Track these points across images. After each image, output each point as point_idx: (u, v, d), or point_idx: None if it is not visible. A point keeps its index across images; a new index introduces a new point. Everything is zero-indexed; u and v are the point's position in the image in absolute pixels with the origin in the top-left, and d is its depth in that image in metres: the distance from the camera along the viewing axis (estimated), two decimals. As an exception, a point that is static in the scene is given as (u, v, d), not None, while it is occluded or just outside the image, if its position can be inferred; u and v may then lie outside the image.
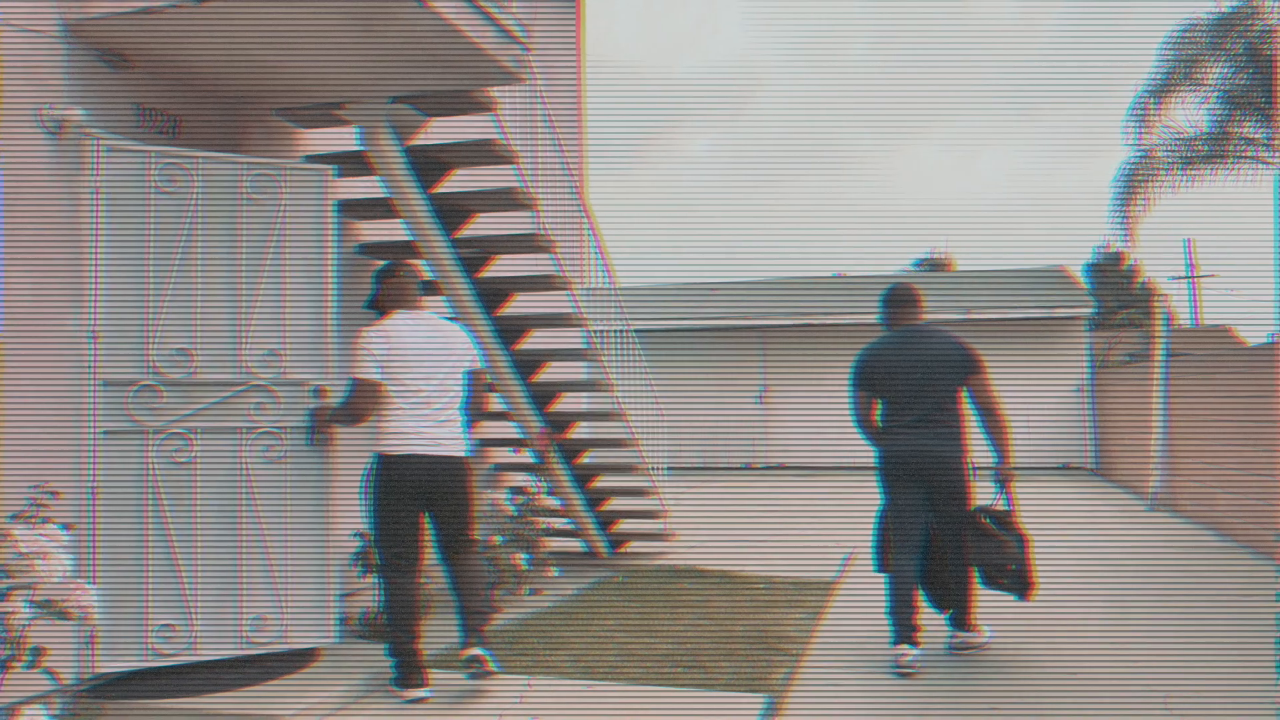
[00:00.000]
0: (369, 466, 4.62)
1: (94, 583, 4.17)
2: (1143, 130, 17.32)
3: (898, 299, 5.34)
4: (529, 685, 4.64)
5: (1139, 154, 17.31)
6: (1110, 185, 21.55)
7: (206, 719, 4.14)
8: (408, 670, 4.52)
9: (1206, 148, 16.85)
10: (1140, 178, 17.34)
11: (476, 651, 4.50)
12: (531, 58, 5.21)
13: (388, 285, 4.75)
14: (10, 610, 3.19)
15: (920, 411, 5.08)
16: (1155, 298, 15.75)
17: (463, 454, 4.66)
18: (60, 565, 3.15)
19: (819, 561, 7.93)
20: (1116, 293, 30.04)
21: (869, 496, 5.20)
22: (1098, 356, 17.31)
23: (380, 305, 4.78)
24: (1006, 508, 5.19)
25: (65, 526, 3.37)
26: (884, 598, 5.11)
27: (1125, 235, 18.18)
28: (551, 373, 7.46)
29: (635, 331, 8.70)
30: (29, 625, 3.22)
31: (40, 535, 3.14)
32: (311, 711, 4.24)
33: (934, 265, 38.64)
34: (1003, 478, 5.19)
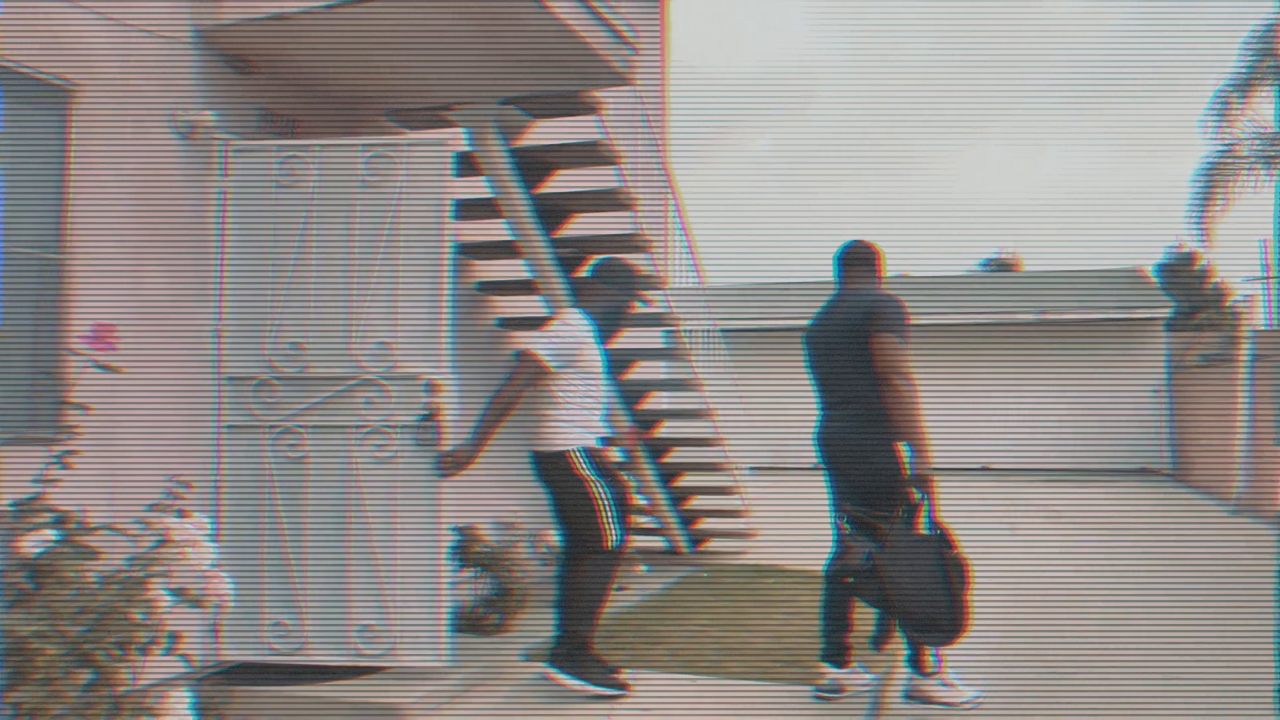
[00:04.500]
0: None
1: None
2: (1223, 126, 16.97)
3: (848, 258, 4.54)
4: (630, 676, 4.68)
5: (1221, 150, 16.96)
6: (1189, 183, 21.09)
7: (330, 705, 4.25)
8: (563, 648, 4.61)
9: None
10: (1221, 175, 16.99)
11: (545, 670, 4.54)
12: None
13: None
14: (155, 597, 3.32)
15: (836, 389, 4.40)
16: (1238, 299, 15.42)
17: (542, 449, 4.58)
18: (209, 554, 3.26)
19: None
20: (1188, 293, 29.39)
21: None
22: (1175, 358, 16.97)
23: None
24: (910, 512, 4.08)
25: (209, 517, 3.49)
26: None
27: (1201, 234, 17.82)
28: (639, 372, 7.52)
29: (711, 331, 8.74)
30: (169, 611, 3.35)
31: (189, 524, 3.26)
32: (428, 700, 4.34)
33: (1001, 265, 38.07)
34: (914, 480, 4.07)
